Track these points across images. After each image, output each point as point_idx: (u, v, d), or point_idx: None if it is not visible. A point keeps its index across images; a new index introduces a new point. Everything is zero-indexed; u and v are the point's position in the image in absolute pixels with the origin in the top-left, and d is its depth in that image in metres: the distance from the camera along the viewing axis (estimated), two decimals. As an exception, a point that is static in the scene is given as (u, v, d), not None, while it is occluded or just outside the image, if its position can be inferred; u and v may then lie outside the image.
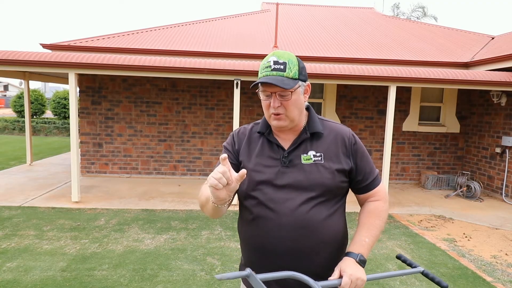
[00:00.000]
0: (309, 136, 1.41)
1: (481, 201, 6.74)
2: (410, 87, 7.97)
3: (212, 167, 7.94)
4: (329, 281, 1.26)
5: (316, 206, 1.35)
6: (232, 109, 7.59)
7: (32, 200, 5.85)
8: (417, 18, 23.88)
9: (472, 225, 5.40)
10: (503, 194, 6.87)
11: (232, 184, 1.19)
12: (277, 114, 1.35)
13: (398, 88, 7.10)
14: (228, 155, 1.46)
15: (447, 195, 7.11)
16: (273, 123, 1.38)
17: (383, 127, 7.95)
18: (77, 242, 4.23)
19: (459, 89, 8.00)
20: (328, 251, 1.38)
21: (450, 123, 8.12)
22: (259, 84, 1.35)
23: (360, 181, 1.45)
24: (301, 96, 1.37)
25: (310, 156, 1.39)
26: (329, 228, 1.37)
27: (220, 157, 1.19)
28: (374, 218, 1.44)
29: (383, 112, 7.99)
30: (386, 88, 7.65)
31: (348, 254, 1.35)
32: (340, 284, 1.26)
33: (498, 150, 7.06)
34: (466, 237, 4.88)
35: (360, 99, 8.05)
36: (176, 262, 3.79)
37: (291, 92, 1.32)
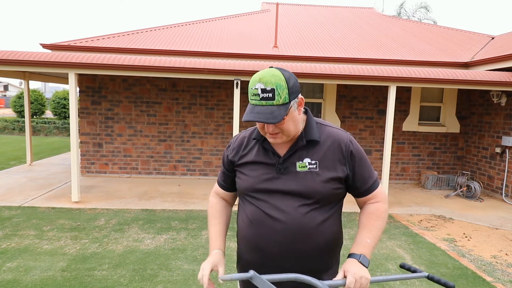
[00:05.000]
0: (305, 143, 1.40)
1: (481, 201, 6.74)
2: (410, 87, 7.97)
3: (212, 167, 7.83)
4: (334, 281, 1.28)
5: (310, 212, 1.37)
6: (232, 109, 7.60)
7: (32, 200, 5.85)
8: (419, 19, 23.85)
9: (472, 225, 5.40)
10: (503, 194, 6.87)
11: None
12: (274, 134, 1.36)
13: (398, 88, 7.10)
14: (222, 171, 1.61)
15: (447, 195, 7.11)
16: (270, 140, 1.40)
17: (383, 127, 7.95)
18: (77, 242, 4.23)
19: (459, 89, 8.00)
20: (323, 255, 1.42)
21: (450, 123, 8.11)
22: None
23: (359, 187, 1.46)
24: (295, 113, 1.35)
25: (305, 164, 1.39)
26: (324, 233, 1.39)
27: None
28: (375, 219, 1.44)
29: (383, 112, 8.00)
30: (386, 88, 7.65)
31: (351, 255, 1.37)
32: (345, 284, 1.28)
33: (498, 150, 7.06)
34: (466, 237, 4.88)
35: (360, 99, 8.04)
36: (176, 262, 3.80)
37: (284, 119, 1.32)
